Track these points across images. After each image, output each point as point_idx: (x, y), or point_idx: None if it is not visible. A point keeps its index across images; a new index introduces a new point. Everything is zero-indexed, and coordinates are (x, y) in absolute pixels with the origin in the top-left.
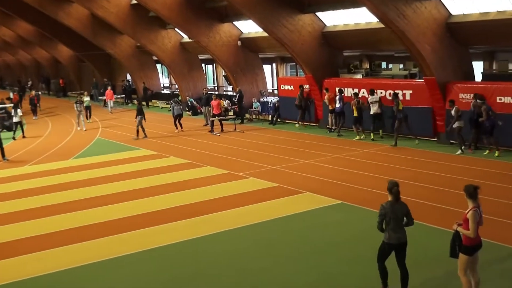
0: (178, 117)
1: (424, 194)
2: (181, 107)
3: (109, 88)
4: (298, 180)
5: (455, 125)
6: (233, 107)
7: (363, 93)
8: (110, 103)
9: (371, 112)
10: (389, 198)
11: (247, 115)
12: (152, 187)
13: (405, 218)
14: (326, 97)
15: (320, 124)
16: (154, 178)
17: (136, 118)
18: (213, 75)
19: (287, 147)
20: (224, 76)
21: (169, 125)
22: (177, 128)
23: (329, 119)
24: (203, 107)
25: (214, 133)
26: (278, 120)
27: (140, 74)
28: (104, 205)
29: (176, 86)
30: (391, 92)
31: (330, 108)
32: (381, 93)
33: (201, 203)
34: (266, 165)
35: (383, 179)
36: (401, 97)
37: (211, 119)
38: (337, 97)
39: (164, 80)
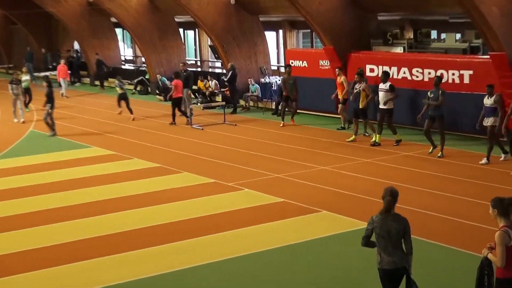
0: (122, 100)
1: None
2: (123, 86)
3: (62, 62)
4: (311, 194)
5: None
6: (222, 90)
7: (404, 73)
8: (64, 84)
9: (386, 106)
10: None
11: (242, 102)
12: (109, 200)
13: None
14: (343, 78)
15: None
16: (111, 188)
17: (44, 105)
18: (195, 45)
19: (297, 147)
20: (210, 46)
21: (134, 114)
22: (119, 107)
23: (341, 115)
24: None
25: (194, 126)
26: (286, 109)
27: (93, 43)
28: (43, 223)
29: (143, 59)
30: (439, 72)
31: (340, 97)
32: (429, 73)
33: (177, 223)
34: (267, 172)
35: (432, 195)
36: (450, 80)
37: (191, 106)
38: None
39: (126, 51)
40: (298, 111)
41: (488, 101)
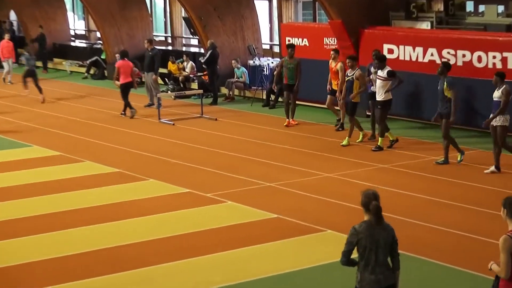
0: (28, 76)
1: None
2: (31, 62)
3: (6, 37)
4: (312, 209)
5: None
6: (199, 74)
7: (432, 55)
8: (8, 66)
9: (382, 97)
10: (365, 218)
11: (225, 90)
12: (56, 214)
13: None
14: (339, 65)
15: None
16: (59, 198)
17: None
18: (165, 17)
19: (294, 148)
20: (184, 19)
21: (84, 105)
22: (25, 87)
23: (330, 108)
24: (145, 73)
25: (163, 121)
26: (280, 100)
27: (35, 13)
28: None
29: (98, 35)
30: (480, 54)
31: (335, 88)
32: (463, 56)
33: (142, 245)
34: (256, 180)
35: (470, 211)
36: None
37: (158, 95)
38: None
39: (76, 24)
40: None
41: (496, 94)
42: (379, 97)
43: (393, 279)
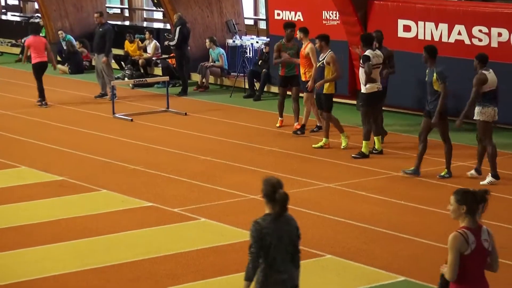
0: None
1: None
2: None
3: None
4: (308, 228)
5: None
6: (164, 57)
7: (459, 34)
8: None
9: (364, 90)
10: (267, 210)
11: (197, 77)
12: None
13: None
14: (308, 47)
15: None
16: None
17: None
18: None
19: (285, 151)
20: None
21: (17, 95)
22: None
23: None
24: (95, 55)
25: (119, 116)
26: (273, 91)
27: None
28: None
29: (36, 6)
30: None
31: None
32: (499, 35)
33: (93, 273)
34: (236, 191)
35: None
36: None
37: (112, 82)
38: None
39: None
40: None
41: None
42: (362, 89)
43: (297, 278)
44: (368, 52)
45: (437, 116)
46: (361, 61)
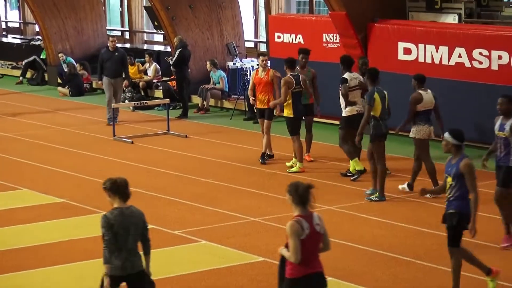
0: None
1: None
2: None
3: None
4: None
5: None
6: (165, 79)
7: (460, 57)
8: None
9: (344, 113)
10: (115, 204)
11: (197, 99)
12: None
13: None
14: (271, 74)
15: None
16: None
17: None
18: (122, 6)
19: (287, 174)
20: (146, 9)
21: (17, 118)
22: None
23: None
24: (104, 77)
25: (120, 138)
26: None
27: None
28: None
29: (37, 29)
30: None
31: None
32: (499, 57)
33: None
34: (237, 213)
35: None
36: None
37: (113, 105)
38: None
39: (9, 14)
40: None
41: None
42: (343, 112)
43: (141, 266)
44: (346, 75)
45: (359, 133)
46: (339, 84)
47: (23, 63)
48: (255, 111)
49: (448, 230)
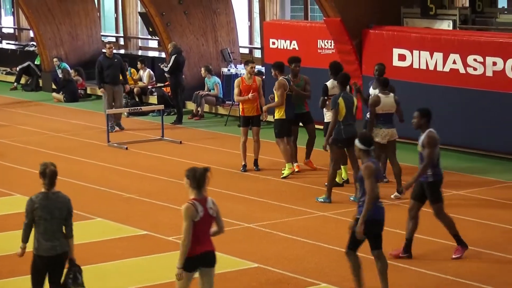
0: None
1: None
2: None
3: None
4: (303, 257)
5: None
6: (159, 86)
7: (454, 63)
8: None
9: (326, 119)
10: (42, 189)
11: (191, 105)
12: None
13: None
14: (258, 80)
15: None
16: None
17: None
18: (116, 12)
19: (282, 180)
20: (140, 14)
21: (11, 124)
22: None
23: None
24: (106, 85)
25: (113, 144)
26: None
27: None
28: None
29: (31, 34)
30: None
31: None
32: (494, 64)
33: None
34: (231, 219)
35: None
36: None
37: (108, 111)
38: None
39: (4, 20)
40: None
41: None
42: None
43: (65, 248)
44: (329, 82)
45: (326, 139)
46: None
47: (17, 69)
48: (241, 119)
49: (351, 233)
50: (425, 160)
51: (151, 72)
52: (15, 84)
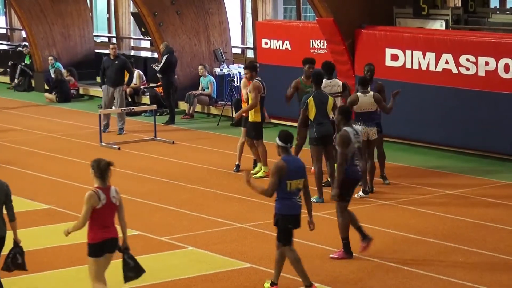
0: None
1: None
2: None
3: None
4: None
5: None
6: (151, 86)
7: (446, 63)
8: None
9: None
10: None
11: (184, 105)
12: None
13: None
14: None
15: None
16: None
17: None
18: (109, 12)
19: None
20: (133, 15)
21: (4, 120)
22: None
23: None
24: (104, 86)
25: (106, 144)
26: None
27: None
28: None
29: (24, 35)
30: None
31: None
32: (486, 64)
33: None
34: (223, 219)
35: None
36: None
37: (100, 111)
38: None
39: None
40: (272, 121)
41: None
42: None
43: (4, 231)
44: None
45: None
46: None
47: (9, 63)
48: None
49: (279, 229)
50: (338, 159)
51: (141, 73)
52: (13, 83)
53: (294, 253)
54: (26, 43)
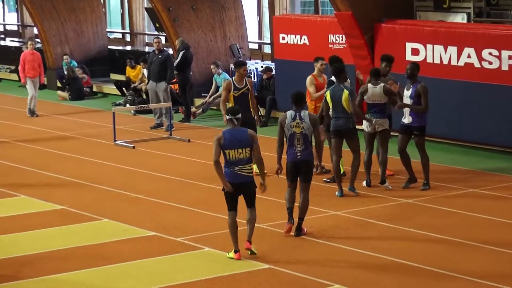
0: None
1: None
2: None
3: (29, 46)
4: (317, 258)
5: None
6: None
7: (469, 57)
8: (32, 86)
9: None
10: None
11: (199, 103)
12: None
13: None
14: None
15: None
16: None
17: None
18: (122, 8)
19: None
20: (147, 10)
21: (16, 123)
22: None
23: None
24: (148, 83)
25: (120, 143)
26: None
27: None
28: None
29: (36, 31)
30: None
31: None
32: (510, 57)
33: None
34: (242, 219)
35: None
36: None
37: (114, 108)
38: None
39: (7, 17)
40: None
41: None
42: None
43: None
44: (333, 78)
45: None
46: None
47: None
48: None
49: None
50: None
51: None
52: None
53: (230, 219)
54: (39, 40)
